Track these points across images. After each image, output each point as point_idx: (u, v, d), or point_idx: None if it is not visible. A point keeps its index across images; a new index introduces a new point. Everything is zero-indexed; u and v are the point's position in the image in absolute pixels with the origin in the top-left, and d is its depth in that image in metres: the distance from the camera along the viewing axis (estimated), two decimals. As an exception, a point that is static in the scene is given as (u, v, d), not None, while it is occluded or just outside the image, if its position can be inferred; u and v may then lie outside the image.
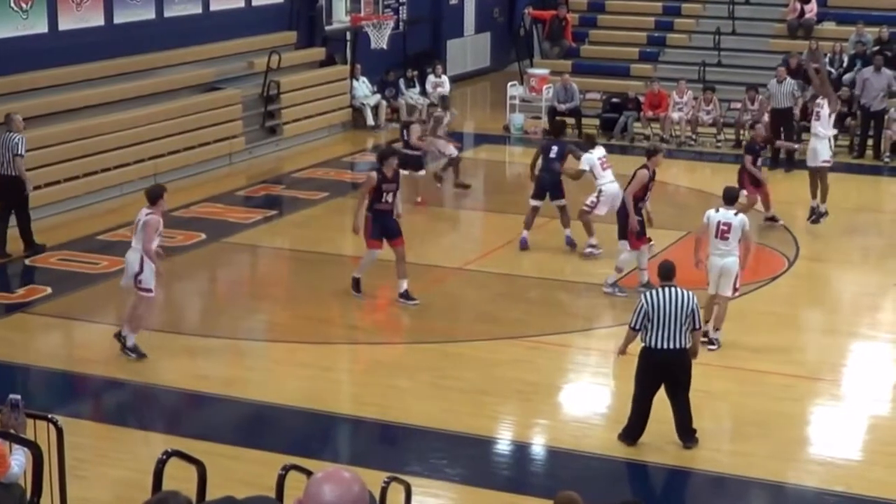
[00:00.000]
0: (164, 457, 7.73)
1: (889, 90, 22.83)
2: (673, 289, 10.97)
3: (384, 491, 8.69)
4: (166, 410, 12.42)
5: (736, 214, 13.36)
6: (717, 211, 13.36)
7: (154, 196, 12.91)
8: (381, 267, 15.80)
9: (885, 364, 13.57)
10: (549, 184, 16.91)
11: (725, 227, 13.24)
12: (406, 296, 14.78)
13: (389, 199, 14.74)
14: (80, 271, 15.96)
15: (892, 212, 20.71)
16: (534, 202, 17.00)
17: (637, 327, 11.01)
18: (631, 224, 14.98)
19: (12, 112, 16.44)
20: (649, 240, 15.30)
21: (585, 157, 16.50)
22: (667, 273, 11.17)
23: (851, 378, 13.19)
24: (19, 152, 15.99)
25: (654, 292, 11.00)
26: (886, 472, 10.88)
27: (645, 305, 10.92)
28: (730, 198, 13.56)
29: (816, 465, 11.11)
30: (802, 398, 12.58)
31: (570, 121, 24.95)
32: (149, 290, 12.94)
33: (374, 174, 14.79)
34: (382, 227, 14.73)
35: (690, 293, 10.98)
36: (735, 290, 13.44)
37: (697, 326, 10.98)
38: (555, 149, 17.07)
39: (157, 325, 14.19)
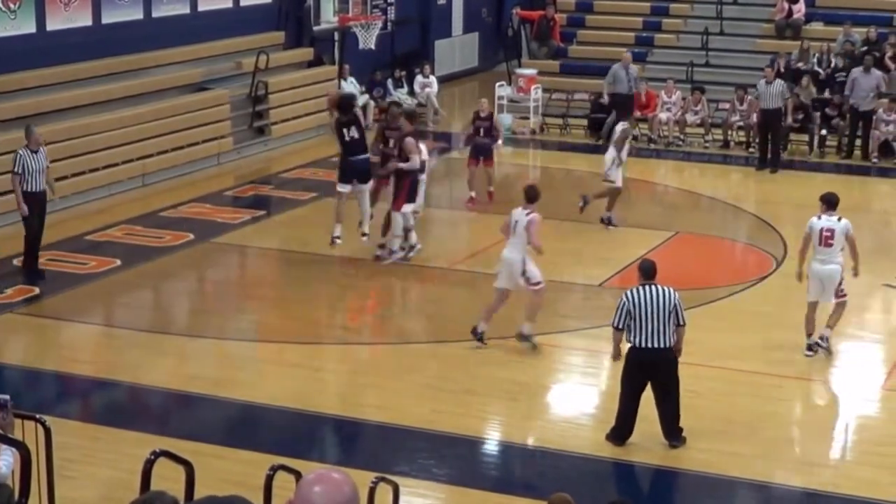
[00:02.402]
0: (153, 457, 7.72)
1: (878, 90, 22.89)
2: (653, 287, 10.98)
3: (372, 491, 8.69)
4: (155, 411, 12.40)
5: (839, 220, 13.20)
6: (820, 218, 13.18)
7: (534, 195, 13.57)
8: (368, 267, 15.83)
9: (874, 364, 13.59)
10: None
11: (829, 234, 13.08)
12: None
13: None
14: (69, 271, 15.91)
15: (880, 212, 20.75)
16: None
17: (619, 326, 11.03)
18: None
19: (32, 125, 15.66)
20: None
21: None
22: (648, 272, 11.18)
23: (840, 378, 13.21)
24: (14, 168, 15.14)
25: (635, 290, 11.01)
26: (875, 471, 10.91)
27: (626, 303, 10.95)
28: (832, 203, 13.30)
29: (805, 465, 11.13)
30: (791, 398, 12.61)
31: (559, 122, 25.02)
32: (539, 283, 13.45)
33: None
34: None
35: (671, 290, 10.97)
36: (841, 295, 13.28)
37: (682, 323, 10.97)
38: None
39: (146, 326, 14.19)
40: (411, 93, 25.99)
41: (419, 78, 26.04)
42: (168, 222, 18.19)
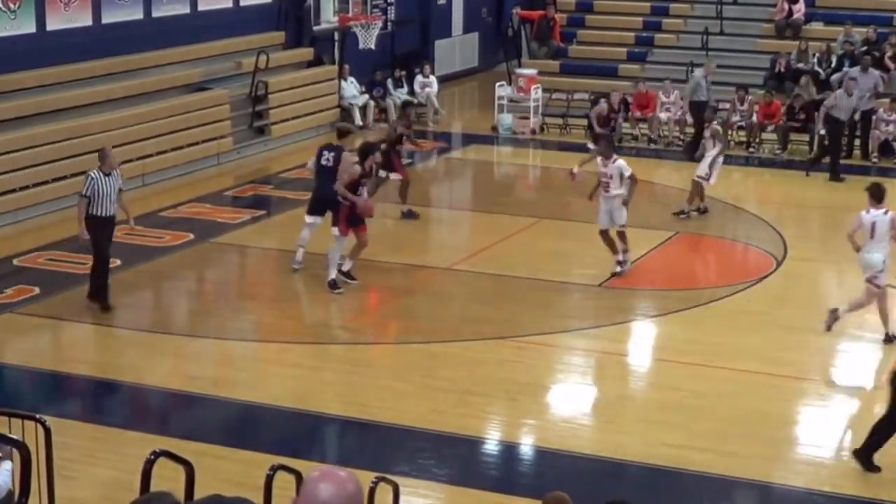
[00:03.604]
0: (153, 457, 7.73)
1: (876, 90, 22.89)
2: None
3: (372, 491, 8.69)
4: (154, 411, 12.41)
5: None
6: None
7: (881, 193, 13.62)
8: (367, 267, 15.82)
9: (873, 364, 13.59)
10: None
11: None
12: (349, 275, 15.40)
13: (364, 192, 15.35)
14: (68, 271, 15.90)
15: (879, 212, 20.72)
16: None
17: None
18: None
19: (108, 147, 15.00)
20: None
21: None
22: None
23: (839, 378, 13.22)
24: (83, 191, 14.18)
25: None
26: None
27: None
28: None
29: (804, 465, 11.13)
30: (790, 398, 12.61)
31: (559, 122, 25.01)
32: (880, 287, 13.54)
33: (357, 168, 15.22)
34: (354, 215, 15.22)
35: None
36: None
37: None
38: None
39: (146, 326, 14.19)
40: (411, 93, 25.99)
41: (419, 78, 26.04)
42: (168, 222, 18.19)
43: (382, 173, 17.87)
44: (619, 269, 15.79)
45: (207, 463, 9.72)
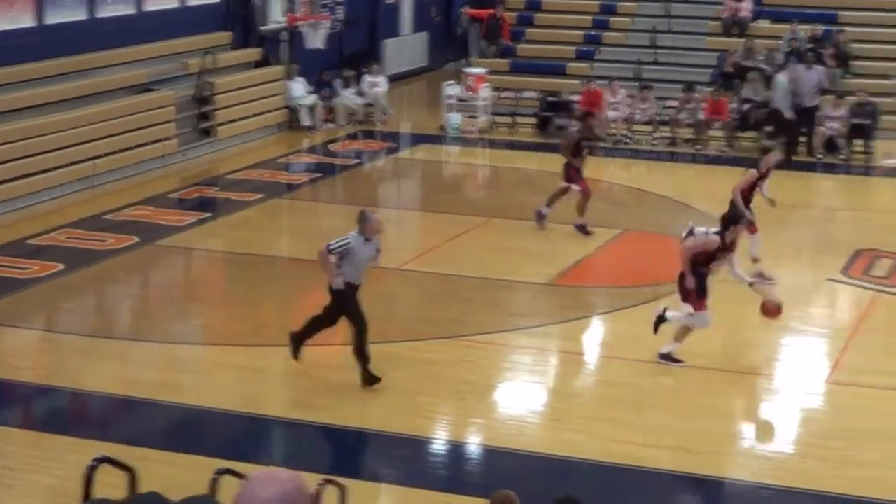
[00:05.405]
0: (94, 463, 7.62)
1: (820, 87, 23.07)
2: None
3: (319, 494, 8.62)
4: (96, 416, 12.25)
5: None
6: None
7: None
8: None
9: (817, 358, 13.68)
10: None
11: None
12: (670, 357, 12.98)
13: (719, 266, 13.32)
14: (10, 276, 15.68)
15: (824, 208, 20.93)
16: None
17: None
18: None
19: (369, 210, 12.79)
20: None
21: None
22: None
23: (784, 372, 13.29)
24: (330, 245, 12.20)
25: None
26: (819, 464, 10.96)
27: None
28: None
29: (750, 459, 11.19)
30: (735, 393, 12.67)
31: (507, 120, 25.02)
32: None
33: (716, 239, 13.11)
34: (703, 288, 13.01)
35: None
36: None
37: None
38: None
39: (88, 330, 14.03)
40: (359, 93, 25.89)
41: (367, 77, 25.93)
42: (112, 225, 17.99)
43: (564, 184, 17.56)
44: None
45: (151, 468, 9.59)
